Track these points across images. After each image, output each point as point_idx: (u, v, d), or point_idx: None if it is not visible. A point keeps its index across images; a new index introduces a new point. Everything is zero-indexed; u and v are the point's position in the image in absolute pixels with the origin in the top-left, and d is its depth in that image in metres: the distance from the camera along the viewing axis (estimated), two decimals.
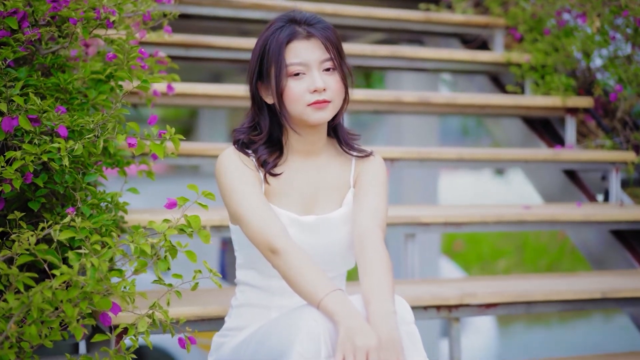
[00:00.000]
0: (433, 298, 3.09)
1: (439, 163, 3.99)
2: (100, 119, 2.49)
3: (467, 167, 4.58)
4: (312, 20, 2.48)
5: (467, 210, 3.73)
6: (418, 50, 4.67)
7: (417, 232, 3.55)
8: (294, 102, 2.45)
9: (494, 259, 12.37)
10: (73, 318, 2.09)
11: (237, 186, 2.46)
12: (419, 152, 3.90)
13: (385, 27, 5.00)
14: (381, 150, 3.84)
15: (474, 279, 3.70)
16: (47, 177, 2.55)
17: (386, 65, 4.62)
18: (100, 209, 2.67)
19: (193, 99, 3.83)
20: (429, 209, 3.82)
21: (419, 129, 6.21)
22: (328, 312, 2.19)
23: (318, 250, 2.50)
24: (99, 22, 2.80)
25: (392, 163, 3.86)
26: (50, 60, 2.80)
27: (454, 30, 5.10)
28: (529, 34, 4.74)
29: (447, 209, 3.93)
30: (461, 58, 4.67)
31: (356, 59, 4.50)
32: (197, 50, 4.20)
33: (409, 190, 6.22)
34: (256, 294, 2.55)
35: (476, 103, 4.36)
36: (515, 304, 3.22)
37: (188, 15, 4.59)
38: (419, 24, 4.94)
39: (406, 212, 3.60)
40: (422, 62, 4.63)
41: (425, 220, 3.52)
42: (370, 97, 4.19)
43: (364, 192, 2.55)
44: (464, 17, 4.97)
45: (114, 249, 2.20)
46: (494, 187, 15.61)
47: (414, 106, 4.27)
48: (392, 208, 3.82)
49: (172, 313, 2.74)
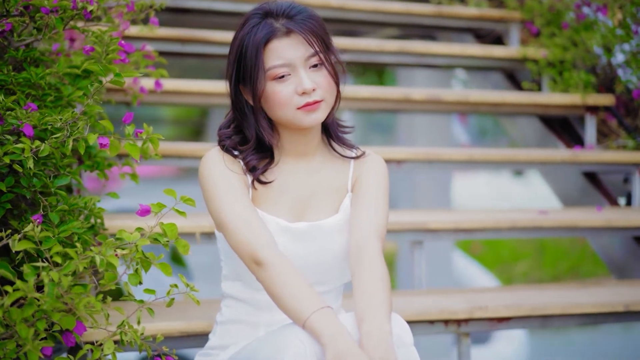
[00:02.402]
0: (440, 312, 2.85)
1: (449, 164, 3.74)
2: (70, 117, 2.26)
3: (479, 168, 4.33)
4: (291, 11, 2.22)
5: (478, 216, 3.48)
6: (429, 45, 4.42)
7: (424, 239, 3.30)
8: (282, 107, 2.21)
9: (513, 262, 12.11)
10: (28, 340, 1.86)
11: (221, 191, 2.23)
12: (427, 153, 3.66)
13: (395, 22, 4.76)
14: (387, 151, 3.60)
15: (486, 290, 3.45)
16: (15, 180, 2.32)
17: (395, 61, 4.38)
18: (74, 215, 2.44)
19: (187, 97, 3.60)
20: (437, 214, 3.57)
21: (431, 128, 5.97)
22: (314, 333, 1.96)
23: (310, 261, 2.26)
24: (76, 12, 2.58)
25: (399, 165, 3.62)
26: (23, 53, 2.57)
27: (467, 24, 4.85)
28: (546, 28, 4.49)
29: (458, 214, 3.68)
30: (474, 54, 4.42)
31: (362, 55, 4.27)
32: (194, 45, 3.97)
33: (421, 194, 5.99)
34: (242, 309, 2.32)
35: (489, 101, 4.11)
36: (530, 318, 2.98)
37: (187, 10, 4.38)
38: (431, 18, 4.69)
39: (413, 217, 3.35)
40: (432, 57, 4.38)
41: (434, 226, 3.28)
42: (377, 95, 3.94)
43: (361, 198, 2.31)
44: (478, 11, 4.71)
45: (77, 261, 1.96)
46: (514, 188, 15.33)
47: (423, 104, 4.03)
48: (399, 213, 3.59)
49: (151, 329, 2.53)
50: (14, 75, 2.48)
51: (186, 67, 7.82)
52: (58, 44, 2.95)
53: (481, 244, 12.49)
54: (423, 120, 5.96)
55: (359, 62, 4.35)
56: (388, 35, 5.60)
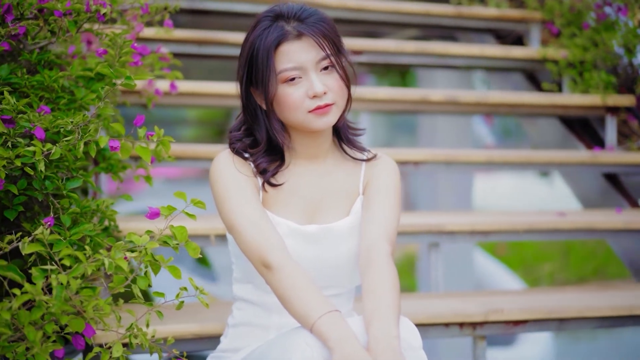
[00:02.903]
0: (455, 314, 2.83)
1: (467, 166, 3.71)
2: (81, 119, 2.26)
3: (498, 170, 4.31)
4: (302, 14, 2.20)
5: (495, 218, 3.46)
6: (447, 46, 4.40)
7: (441, 241, 3.29)
8: (293, 110, 2.20)
9: (538, 264, 12.02)
10: (36, 342, 1.86)
11: (231, 194, 2.22)
12: (445, 155, 3.64)
13: (414, 23, 4.74)
14: (405, 152, 3.59)
15: (503, 293, 3.43)
16: (27, 183, 2.33)
17: (413, 62, 4.36)
18: (86, 218, 2.44)
19: (203, 99, 3.59)
20: (454, 216, 3.55)
21: (452, 129, 5.94)
22: (321, 337, 1.95)
23: (321, 264, 2.26)
24: (89, 15, 2.58)
25: (417, 166, 3.60)
26: (37, 56, 2.58)
27: (487, 25, 4.82)
28: (566, 29, 4.45)
29: (474, 215, 3.66)
30: (493, 54, 4.39)
31: (381, 56, 4.25)
32: (211, 47, 3.97)
33: (442, 195, 5.95)
34: (253, 311, 2.31)
35: (508, 102, 4.08)
36: (546, 321, 2.95)
37: (206, 11, 4.38)
38: (450, 18, 4.66)
39: (429, 219, 3.33)
40: (451, 58, 4.35)
41: (450, 228, 3.26)
42: (395, 96, 3.93)
43: (372, 200, 2.29)
44: (498, 11, 4.68)
45: (86, 264, 1.97)
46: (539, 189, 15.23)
47: (441, 105, 4.01)
48: (415, 215, 3.57)
49: (164, 331, 2.54)
50: (28, 78, 2.49)
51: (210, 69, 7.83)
52: (74, 46, 2.96)
53: (506, 245, 12.41)
54: (444, 121, 5.93)
55: (378, 63, 4.33)
56: (409, 36, 5.57)
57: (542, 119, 4.50)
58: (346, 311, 2.36)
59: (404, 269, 10.03)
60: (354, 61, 4.11)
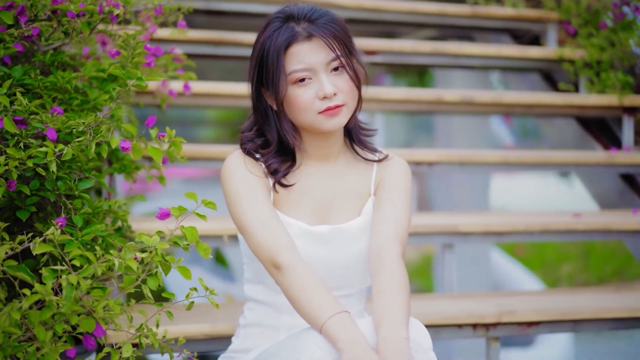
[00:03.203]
0: (468, 316, 2.82)
1: (481, 166, 3.70)
2: (93, 120, 2.27)
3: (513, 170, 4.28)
4: (313, 15, 2.20)
5: (510, 218, 3.44)
6: (463, 46, 4.39)
7: (455, 242, 3.28)
8: (303, 111, 2.20)
9: (558, 264, 11.96)
10: (46, 343, 1.87)
11: (242, 194, 2.22)
12: (459, 155, 3.63)
13: (430, 23, 4.73)
14: (419, 153, 3.58)
15: (517, 294, 3.41)
16: (40, 183, 2.34)
17: (429, 62, 4.35)
18: (98, 218, 2.45)
19: (217, 99, 3.60)
20: (468, 217, 3.54)
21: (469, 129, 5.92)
22: (330, 338, 1.94)
23: (332, 264, 2.25)
24: (102, 16, 2.59)
25: (431, 166, 3.59)
26: (50, 57, 2.59)
27: (504, 25, 4.81)
28: (583, 28, 4.43)
29: (489, 216, 3.64)
30: (510, 54, 4.38)
31: (396, 56, 4.25)
32: (226, 47, 3.98)
33: (458, 195, 5.94)
34: (264, 312, 2.31)
35: (524, 102, 4.06)
36: (560, 323, 2.94)
37: (222, 12, 4.38)
38: (466, 18, 4.66)
39: (443, 220, 3.33)
40: (467, 58, 4.34)
41: (464, 229, 3.25)
42: (409, 97, 3.92)
43: (383, 201, 2.29)
44: (514, 11, 4.67)
45: (96, 264, 1.97)
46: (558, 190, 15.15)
47: (456, 106, 3.99)
48: (429, 215, 3.56)
49: (175, 331, 2.54)
50: (41, 79, 2.50)
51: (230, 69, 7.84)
52: (88, 47, 2.97)
53: (525, 246, 12.36)
54: (460, 122, 5.91)
55: (393, 64, 4.32)
56: (426, 36, 5.56)
57: (559, 119, 4.48)
58: (357, 312, 2.35)
59: (422, 269, 10.02)
60: (369, 61, 4.12)
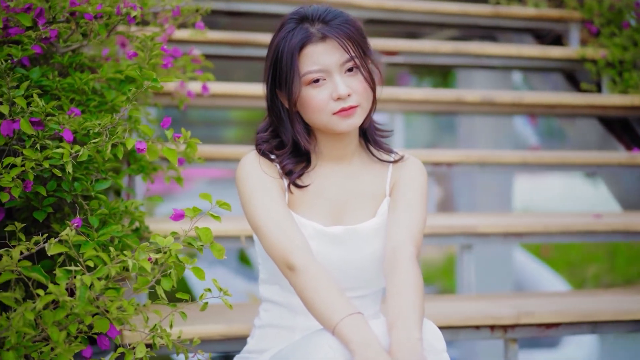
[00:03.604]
0: (485, 317, 2.81)
1: (500, 167, 3.68)
2: (108, 122, 2.28)
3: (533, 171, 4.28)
4: (327, 16, 2.20)
5: (529, 219, 3.43)
6: (484, 46, 4.37)
7: (474, 243, 3.26)
8: (317, 112, 2.19)
9: (584, 265, 11.87)
10: (59, 343, 1.88)
11: (256, 195, 2.23)
12: (478, 156, 3.61)
13: (451, 23, 4.72)
14: (438, 154, 3.58)
15: (535, 296, 3.39)
16: (57, 184, 2.35)
17: (449, 62, 4.34)
18: (115, 219, 2.46)
19: (236, 100, 3.61)
20: (487, 218, 3.52)
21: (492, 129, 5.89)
22: (343, 339, 1.94)
23: (346, 265, 2.25)
24: (120, 18, 2.61)
25: (450, 167, 3.58)
26: (68, 59, 2.61)
27: (526, 25, 4.79)
28: (605, 28, 4.40)
29: (508, 217, 3.63)
30: (531, 54, 4.35)
31: (417, 57, 4.24)
32: (246, 48, 3.99)
33: (481, 196, 5.91)
34: (279, 313, 2.32)
35: (545, 102, 4.04)
36: (579, 324, 2.91)
37: (243, 13, 4.39)
38: (487, 18, 4.64)
39: (462, 221, 3.32)
40: (488, 59, 4.33)
41: (483, 230, 3.23)
42: (428, 97, 3.91)
43: (398, 202, 2.28)
44: (536, 11, 4.64)
45: (110, 265, 1.98)
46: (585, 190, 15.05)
47: (476, 106, 3.98)
48: (448, 216, 3.55)
49: (191, 332, 2.55)
50: (59, 80, 2.51)
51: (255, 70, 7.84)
52: (108, 49, 2.98)
53: (551, 247, 12.28)
54: (482, 122, 5.89)
55: (414, 64, 4.32)
56: (448, 36, 5.55)
57: (581, 120, 4.45)
58: (373, 313, 2.35)
59: (446, 269, 9.98)
60: (390, 62, 4.12)
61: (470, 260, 3.26)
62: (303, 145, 2.26)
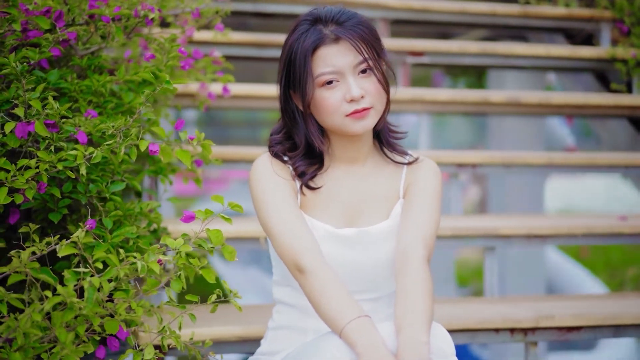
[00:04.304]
0: (504, 320, 2.78)
1: (525, 169, 3.65)
2: (122, 124, 2.29)
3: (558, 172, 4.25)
4: (341, 17, 2.18)
5: (553, 221, 3.39)
6: (512, 46, 4.33)
7: (496, 245, 3.23)
8: (330, 114, 2.18)
9: (624, 267, 11.72)
10: (67, 344, 1.89)
11: (267, 197, 2.22)
12: (502, 157, 3.58)
13: (480, 23, 4.69)
14: (461, 155, 3.55)
15: (557, 299, 3.34)
16: (73, 186, 2.37)
17: (476, 63, 4.31)
18: (130, 221, 2.47)
19: (257, 102, 3.61)
20: (510, 220, 3.49)
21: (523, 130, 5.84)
22: (350, 342, 1.93)
23: (359, 267, 2.24)
24: (138, 20, 2.62)
25: (474, 168, 3.56)
26: (87, 61, 2.63)
27: (556, 24, 4.74)
28: (636, 27, 4.35)
29: (532, 219, 3.59)
30: (560, 54, 4.31)
31: (442, 57, 4.21)
32: (272, 50, 3.99)
33: (512, 198, 5.86)
34: (292, 315, 2.31)
35: (573, 103, 4.00)
36: (600, 328, 2.88)
37: (267, 14, 4.40)
38: (516, 18, 4.60)
39: (484, 223, 3.29)
40: (516, 59, 4.29)
41: (505, 232, 3.21)
42: (455, 98, 3.88)
43: (411, 204, 2.27)
44: (566, 10, 4.59)
45: (119, 267, 1.99)
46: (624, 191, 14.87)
47: (503, 107, 3.95)
48: (469, 218, 3.53)
49: (208, 333, 2.56)
50: (78, 82, 2.53)
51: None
52: (130, 50, 3.00)
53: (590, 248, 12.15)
54: (513, 123, 5.84)
55: (441, 64, 4.29)
56: (479, 36, 5.51)
57: (612, 120, 4.40)
58: (386, 315, 2.33)
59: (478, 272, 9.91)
60: (415, 62, 4.10)
61: (493, 263, 3.24)
62: (317, 147, 2.25)
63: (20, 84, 2.32)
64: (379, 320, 2.11)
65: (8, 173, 2.15)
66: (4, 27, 2.46)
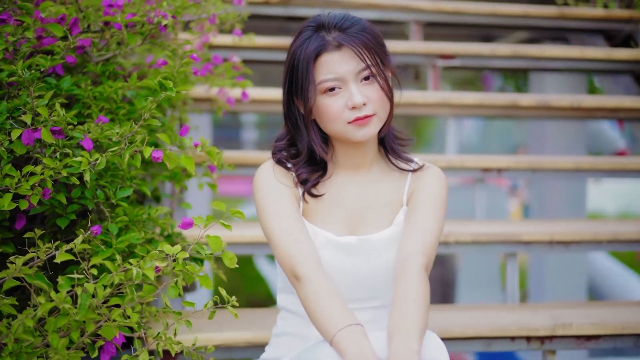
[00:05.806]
0: (519, 328, 2.74)
1: (552, 173, 3.59)
2: (127, 130, 2.31)
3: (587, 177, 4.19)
4: (344, 24, 2.17)
5: (577, 227, 3.32)
6: (545, 49, 4.27)
7: (518, 251, 3.19)
8: (332, 121, 2.17)
9: None
10: (59, 349, 1.91)
11: (269, 204, 2.22)
12: (529, 162, 3.53)
13: (515, 25, 4.64)
14: (486, 159, 3.51)
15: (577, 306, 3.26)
16: (81, 192, 2.40)
17: (508, 65, 4.27)
18: (139, 226, 2.49)
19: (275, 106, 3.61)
20: (532, 225, 3.43)
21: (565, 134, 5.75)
22: (339, 350, 1.92)
23: (361, 275, 2.23)
24: (152, 27, 2.64)
25: (500, 173, 3.51)
26: (100, 67, 2.65)
27: (595, 26, 4.66)
28: None
29: (555, 225, 3.52)
30: (595, 56, 4.23)
31: (473, 60, 4.17)
32: None
33: (553, 203, 5.77)
34: (295, 322, 2.31)
35: (605, 106, 3.92)
36: (620, 337, 2.81)
37: (297, 18, 4.40)
38: (552, 19, 4.53)
39: (505, 228, 3.24)
40: (549, 61, 4.22)
41: (527, 238, 3.16)
42: (482, 102, 3.84)
43: (414, 211, 2.24)
44: (604, 12, 4.51)
45: (114, 273, 2.00)
46: None
47: (532, 110, 3.89)
48: (492, 224, 3.48)
49: (217, 338, 2.57)
50: (91, 89, 2.56)
51: None
52: (152, 56, 3.02)
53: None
54: (553, 126, 5.75)
55: (471, 67, 4.25)
56: (520, 38, 5.44)
57: None
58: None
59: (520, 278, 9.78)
60: (446, 65, 4.06)
61: (514, 269, 3.19)
62: (318, 154, 2.24)
63: (27, 91, 2.35)
64: (380, 329, 2.09)
65: (13, 179, 2.17)
66: (18, 35, 2.49)
